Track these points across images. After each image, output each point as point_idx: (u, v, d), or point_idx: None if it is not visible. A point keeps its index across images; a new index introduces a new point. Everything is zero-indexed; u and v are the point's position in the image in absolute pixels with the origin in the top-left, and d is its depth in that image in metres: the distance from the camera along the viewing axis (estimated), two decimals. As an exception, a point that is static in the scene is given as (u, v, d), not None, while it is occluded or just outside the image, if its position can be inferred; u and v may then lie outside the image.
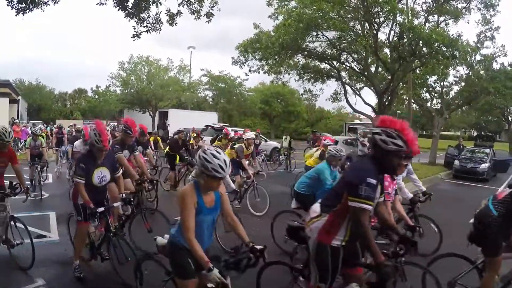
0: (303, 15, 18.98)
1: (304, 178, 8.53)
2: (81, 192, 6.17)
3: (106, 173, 6.59)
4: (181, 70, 52.96)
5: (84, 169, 6.26)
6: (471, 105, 34.96)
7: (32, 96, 70.29)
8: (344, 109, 73.35)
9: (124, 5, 11.92)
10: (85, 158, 6.51)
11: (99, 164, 6.51)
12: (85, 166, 6.30)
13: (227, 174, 4.07)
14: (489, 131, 57.32)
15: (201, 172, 4.02)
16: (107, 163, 6.64)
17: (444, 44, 17.42)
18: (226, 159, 4.01)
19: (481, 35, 27.40)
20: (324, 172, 8.08)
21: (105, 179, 6.61)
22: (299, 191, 8.28)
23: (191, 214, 3.97)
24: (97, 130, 6.30)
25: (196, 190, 4.10)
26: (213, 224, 4.42)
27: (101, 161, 6.53)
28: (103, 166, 6.56)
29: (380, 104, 22.01)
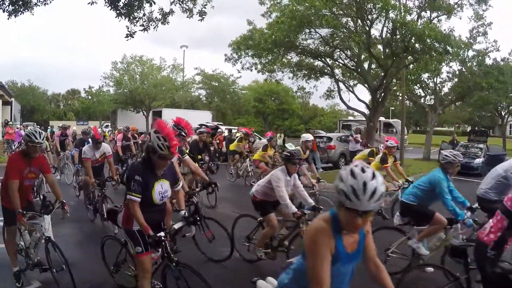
0: (296, 12, 18.97)
1: (415, 188, 7.30)
2: (137, 214, 4.83)
3: (167, 187, 5.25)
4: (174, 69, 52.92)
5: (141, 184, 4.89)
6: (464, 101, 35.02)
7: (25, 98, 70.16)
8: (337, 106, 73.65)
9: (116, 4, 11.85)
10: (142, 168, 5.05)
11: (160, 176, 5.14)
12: (143, 180, 4.90)
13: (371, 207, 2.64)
14: (482, 126, 57.36)
15: (339, 203, 2.72)
16: (168, 174, 5.27)
17: (436, 40, 17.45)
18: (377, 186, 2.62)
19: (474, 31, 27.50)
20: (441, 184, 6.79)
21: (167, 195, 5.28)
22: (409, 203, 7.10)
23: (325, 262, 2.74)
24: (162, 133, 4.90)
25: (334, 227, 2.84)
26: (351, 276, 3.10)
27: (162, 172, 5.15)
28: (164, 178, 5.20)
29: (374, 101, 22.04)
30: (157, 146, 4.82)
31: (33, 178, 6.61)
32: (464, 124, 76.24)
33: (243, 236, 7.84)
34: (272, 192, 7.22)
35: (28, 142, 6.15)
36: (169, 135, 4.87)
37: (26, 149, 6.34)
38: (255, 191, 7.58)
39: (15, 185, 5.97)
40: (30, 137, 6.07)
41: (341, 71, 25.86)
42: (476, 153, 23.38)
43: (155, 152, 4.86)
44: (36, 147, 6.16)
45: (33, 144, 6.10)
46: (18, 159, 6.33)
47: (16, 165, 6.19)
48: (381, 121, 42.67)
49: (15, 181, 5.99)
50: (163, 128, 4.92)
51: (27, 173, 6.30)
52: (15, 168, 6.13)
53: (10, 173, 6.08)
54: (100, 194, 9.93)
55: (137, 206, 4.82)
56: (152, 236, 4.69)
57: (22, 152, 6.49)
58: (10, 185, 5.96)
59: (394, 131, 43.25)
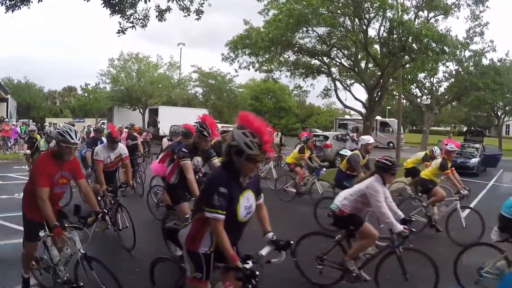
0: (293, 11, 18.94)
1: None
2: (223, 238, 3.67)
3: (252, 200, 4.07)
4: (171, 67, 52.82)
5: (226, 197, 3.73)
6: (460, 101, 35.22)
7: (21, 95, 69.95)
8: (334, 105, 73.74)
9: (110, 1, 11.83)
10: (226, 177, 3.84)
11: (245, 185, 3.98)
12: (228, 192, 3.74)
13: None
14: (478, 126, 57.61)
15: None
16: (252, 183, 4.09)
17: (433, 39, 17.45)
18: None
19: (471, 31, 27.56)
20: None
21: (252, 210, 4.07)
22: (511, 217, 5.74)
23: None
24: (250, 127, 3.73)
25: None
26: None
27: (247, 180, 3.99)
28: (249, 188, 4.02)
29: (370, 100, 22.04)
30: (244, 144, 3.72)
31: (65, 184, 5.61)
32: (460, 124, 76.46)
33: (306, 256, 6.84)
34: (364, 207, 6.58)
35: (61, 142, 5.23)
36: (259, 129, 3.76)
37: (58, 150, 5.38)
38: (341, 205, 6.56)
39: (45, 194, 5.05)
40: (64, 136, 5.19)
41: (338, 70, 25.87)
42: (472, 153, 23.45)
43: (242, 152, 3.74)
44: (70, 149, 5.24)
45: (68, 144, 5.20)
46: (48, 162, 5.33)
47: (45, 169, 5.22)
48: (377, 120, 42.89)
49: (45, 189, 5.07)
50: (250, 122, 3.80)
51: (58, 179, 5.39)
52: (44, 173, 5.17)
53: (38, 179, 5.13)
54: (114, 202, 8.59)
55: (222, 226, 3.71)
56: (243, 269, 3.60)
57: (53, 154, 5.44)
58: (39, 194, 5.01)
59: (390, 130, 43.47)
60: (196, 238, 3.99)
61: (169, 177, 7.36)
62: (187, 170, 6.83)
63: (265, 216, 4.30)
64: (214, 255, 3.97)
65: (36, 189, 5.09)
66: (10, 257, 7.10)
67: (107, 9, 11.97)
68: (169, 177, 7.37)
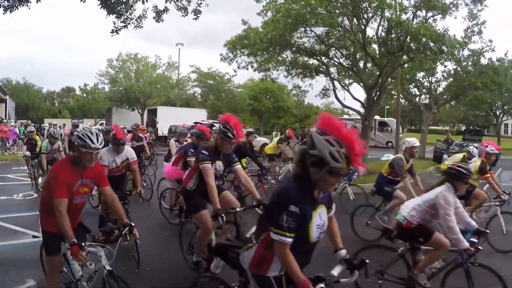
0: (291, 11, 18.94)
1: None
2: (291, 263, 3.20)
3: (325, 218, 3.52)
4: (170, 67, 52.87)
5: (297, 217, 3.18)
6: (459, 100, 35.22)
7: (20, 96, 70.08)
8: (333, 105, 73.78)
9: (107, 2, 11.83)
10: (299, 192, 3.26)
11: (319, 201, 3.43)
12: (300, 210, 3.18)
13: None
14: (477, 125, 57.78)
15: None
16: (325, 198, 3.52)
17: (431, 39, 17.45)
18: None
19: (469, 30, 27.56)
20: None
21: (324, 228, 3.51)
22: None
23: None
24: (336, 134, 3.11)
25: None
26: None
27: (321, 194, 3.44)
28: (322, 204, 3.47)
29: (369, 100, 22.02)
30: (328, 155, 3.07)
31: (86, 193, 4.97)
32: (459, 123, 76.62)
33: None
34: (433, 218, 6.04)
35: (80, 147, 4.60)
36: (348, 138, 3.11)
37: (77, 155, 4.74)
38: (409, 216, 6.05)
39: (63, 205, 4.44)
40: (84, 140, 4.58)
41: (337, 69, 25.82)
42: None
43: (324, 164, 3.11)
44: (92, 154, 4.63)
45: (88, 149, 4.58)
46: (66, 169, 4.71)
47: (63, 177, 4.58)
48: (376, 120, 42.98)
49: (62, 200, 4.46)
50: (335, 127, 3.17)
51: (78, 188, 4.78)
52: (62, 182, 4.54)
53: (55, 188, 4.50)
54: None
55: (288, 249, 3.21)
56: None
57: (72, 160, 4.83)
58: (56, 205, 4.42)
59: (389, 130, 43.53)
60: (265, 261, 3.45)
61: (186, 183, 6.54)
62: (207, 174, 6.05)
63: (336, 230, 3.82)
64: (285, 278, 3.41)
65: (52, 199, 4.46)
66: (9, 258, 7.12)
67: (104, 10, 11.99)
68: (186, 182, 6.55)
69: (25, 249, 7.64)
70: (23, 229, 8.88)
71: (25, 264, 6.76)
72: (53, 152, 12.63)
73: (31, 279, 6.25)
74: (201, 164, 6.12)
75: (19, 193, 13.26)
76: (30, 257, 6.96)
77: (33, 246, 7.77)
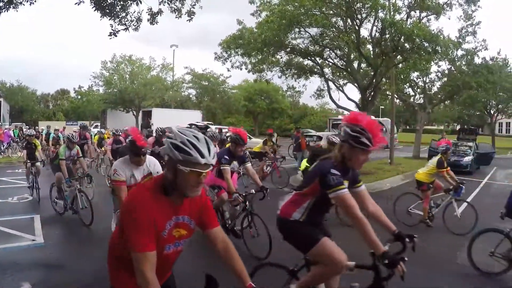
0: (285, 12, 18.96)
1: None
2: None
3: None
4: (164, 69, 52.88)
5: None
6: (453, 100, 35.32)
7: (14, 98, 69.81)
8: (327, 105, 73.80)
9: (101, 5, 11.82)
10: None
11: None
12: None
13: None
14: (472, 124, 57.78)
15: None
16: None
17: (425, 39, 17.49)
18: None
19: (463, 30, 27.62)
20: None
21: None
22: None
23: None
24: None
25: None
26: None
27: None
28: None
29: (364, 100, 22.04)
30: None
31: (183, 238, 3.00)
32: (454, 122, 76.70)
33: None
34: None
35: (181, 164, 2.68)
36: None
37: (169, 178, 2.78)
38: None
39: (148, 262, 2.66)
40: (188, 152, 2.67)
41: (331, 70, 25.87)
42: (466, 151, 23.56)
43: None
44: (200, 176, 2.71)
45: (197, 168, 2.69)
46: (151, 203, 2.75)
47: (147, 218, 2.70)
48: (371, 120, 42.89)
49: (148, 254, 2.66)
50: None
51: (171, 230, 2.88)
52: (146, 225, 2.68)
53: (135, 237, 2.67)
54: None
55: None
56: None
57: (160, 187, 2.84)
58: (137, 263, 2.65)
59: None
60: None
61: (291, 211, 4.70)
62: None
63: None
64: None
65: (131, 253, 2.67)
66: (4, 262, 7.06)
67: (98, 12, 11.98)
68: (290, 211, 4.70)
69: (21, 252, 7.60)
70: (18, 232, 8.83)
71: (21, 268, 6.72)
72: (72, 158, 11.20)
73: (26, 282, 6.21)
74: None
75: (14, 196, 13.19)
76: (25, 261, 6.95)
77: (28, 249, 7.77)
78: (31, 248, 7.95)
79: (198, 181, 2.73)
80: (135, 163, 6.35)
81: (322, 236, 4.36)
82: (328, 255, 4.23)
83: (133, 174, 6.32)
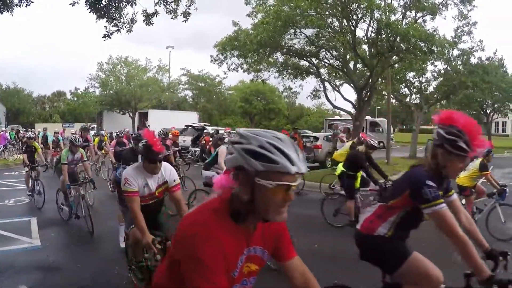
0: (281, 13, 18.97)
1: None
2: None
3: None
4: (160, 70, 52.91)
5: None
6: (449, 99, 35.37)
7: (10, 100, 69.79)
8: (324, 106, 74.03)
9: (96, 6, 11.82)
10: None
11: None
12: None
13: None
14: (468, 124, 57.82)
15: None
16: None
17: (421, 39, 17.53)
18: None
19: (459, 30, 27.68)
20: None
21: None
22: None
23: None
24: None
25: None
26: None
27: None
28: None
29: (360, 100, 22.09)
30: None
31: (254, 275, 2.29)
32: (450, 122, 76.81)
33: None
34: None
35: (260, 177, 1.90)
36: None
37: (245, 198, 1.97)
38: None
39: None
40: (273, 160, 1.89)
41: (327, 70, 25.89)
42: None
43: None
44: (290, 189, 1.94)
45: (288, 181, 1.91)
46: (222, 233, 1.96)
47: (218, 257, 1.90)
48: (367, 120, 43.02)
49: None
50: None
51: (242, 267, 2.15)
52: (216, 267, 1.88)
53: (202, 285, 1.84)
54: None
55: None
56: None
57: (228, 210, 2.05)
58: None
59: (380, 130, 43.59)
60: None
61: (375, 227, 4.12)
62: None
63: None
64: None
65: None
66: (0, 264, 7.04)
67: (93, 14, 11.97)
68: (375, 226, 4.12)
69: (17, 255, 7.58)
70: (15, 235, 8.81)
71: (17, 270, 6.71)
72: (75, 162, 10.54)
73: (23, 285, 6.20)
74: None
75: (11, 198, 13.15)
76: (22, 264, 6.94)
77: (25, 252, 7.75)
78: (28, 250, 7.93)
79: (286, 198, 1.94)
80: (149, 170, 5.41)
81: (412, 250, 3.82)
82: (423, 271, 3.69)
83: (147, 183, 5.45)
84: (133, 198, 5.22)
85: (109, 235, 8.62)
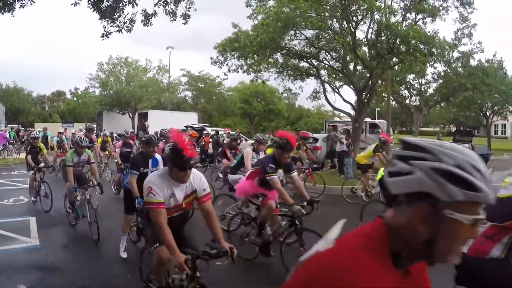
0: (281, 14, 18.97)
1: None
2: None
3: None
4: (160, 71, 52.91)
5: None
6: (449, 101, 35.45)
7: (10, 100, 69.68)
8: (323, 107, 73.82)
9: (99, 6, 11.82)
10: None
11: None
12: None
13: None
14: (467, 126, 57.86)
15: None
16: None
17: (421, 41, 17.53)
18: None
19: (459, 32, 27.70)
20: None
21: None
22: None
23: None
24: None
25: None
26: None
27: None
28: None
29: (359, 102, 22.08)
30: None
31: None
32: (449, 124, 76.84)
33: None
34: None
35: (453, 209, 1.35)
36: None
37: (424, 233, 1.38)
38: None
39: None
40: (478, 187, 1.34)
41: (327, 72, 25.87)
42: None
43: None
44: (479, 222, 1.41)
45: (478, 216, 1.38)
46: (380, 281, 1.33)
47: None
48: (367, 122, 42.96)
49: None
50: None
51: None
52: None
53: None
54: None
55: None
56: None
57: (390, 249, 1.43)
58: None
59: (379, 132, 43.55)
60: None
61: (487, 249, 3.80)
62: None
63: None
64: None
65: None
66: (0, 264, 7.06)
67: (96, 13, 11.96)
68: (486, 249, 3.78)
69: (16, 254, 7.59)
70: (14, 235, 8.82)
71: (16, 270, 6.73)
72: (82, 164, 10.16)
73: (22, 285, 6.21)
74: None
75: (10, 198, 13.17)
76: (21, 263, 6.96)
77: (24, 251, 7.76)
78: (27, 250, 7.95)
79: (473, 233, 1.42)
80: (177, 179, 4.68)
81: None
82: None
83: (173, 192, 4.73)
84: (158, 210, 4.53)
85: (109, 235, 8.61)
